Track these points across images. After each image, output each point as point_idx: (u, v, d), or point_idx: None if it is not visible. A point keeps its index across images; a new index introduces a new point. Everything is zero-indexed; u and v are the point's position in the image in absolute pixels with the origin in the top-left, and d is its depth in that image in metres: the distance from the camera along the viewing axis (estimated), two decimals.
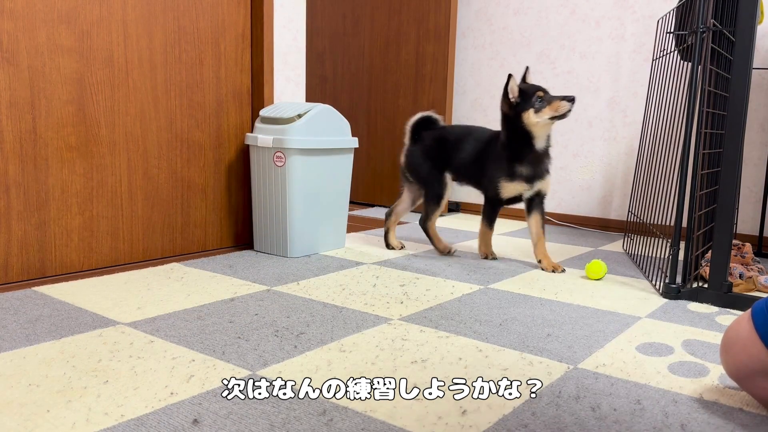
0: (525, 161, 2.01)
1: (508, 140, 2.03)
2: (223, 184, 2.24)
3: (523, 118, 1.96)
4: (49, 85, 1.74)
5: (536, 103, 1.94)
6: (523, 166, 2.02)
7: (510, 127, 2.02)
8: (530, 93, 1.95)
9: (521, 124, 1.97)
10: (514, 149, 2.02)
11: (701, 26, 1.73)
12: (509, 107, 2.00)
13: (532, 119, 1.95)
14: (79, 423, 0.96)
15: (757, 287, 1.86)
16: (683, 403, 1.09)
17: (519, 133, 2.00)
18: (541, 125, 1.96)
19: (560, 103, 1.92)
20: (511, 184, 2.04)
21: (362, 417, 1.00)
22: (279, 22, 2.31)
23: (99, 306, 1.55)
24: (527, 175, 2.02)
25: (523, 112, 1.96)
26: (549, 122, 1.95)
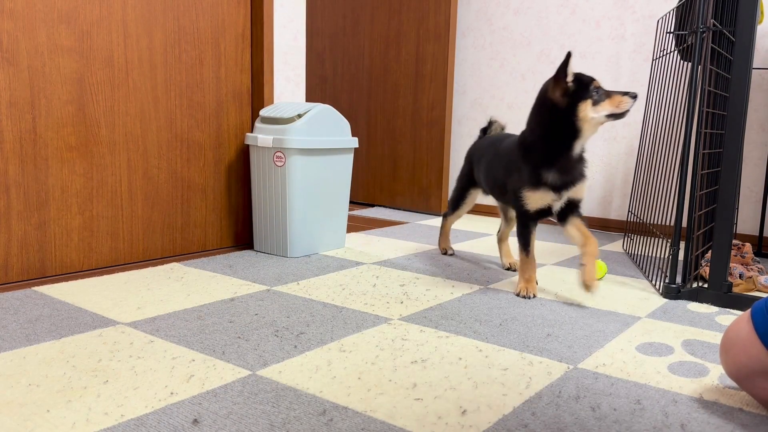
0: (555, 166, 1.65)
1: (540, 138, 1.66)
2: (223, 184, 2.24)
3: (578, 111, 1.58)
4: (49, 85, 1.74)
5: (594, 94, 1.58)
6: (551, 172, 1.65)
7: (550, 121, 1.63)
8: (586, 81, 1.59)
9: (573, 117, 1.59)
10: (543, 150, 1.65)
11: (701, 26, 1.73)
12: (563, 93, 1.60)
13: (588, 113, 1.58)
14: (79, 423, 0.96)
15: (757, 287, 1.86)
16: (683, 403, 1.09)
17: (560, 130, 1.62)
18: (595, 123, 1.60)
19: (622, 99, 1.57)
20: (536, 194, 1.67)
21: (362, 417, 1.00)
22: (279, 22, 2.31)
23: (99, 306, 1.55)
24: (555, 183, 1.66)
25: (580, 103, 1.58)
26: (603, 121, 1.60)
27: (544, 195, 1.67)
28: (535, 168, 1.66)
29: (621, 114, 1.59)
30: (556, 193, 1.67)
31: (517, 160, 1.71)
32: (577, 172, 1.68)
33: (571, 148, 1.63)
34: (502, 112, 3.29)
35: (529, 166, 1.67)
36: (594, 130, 1.63)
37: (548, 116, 1.64)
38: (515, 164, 1.72)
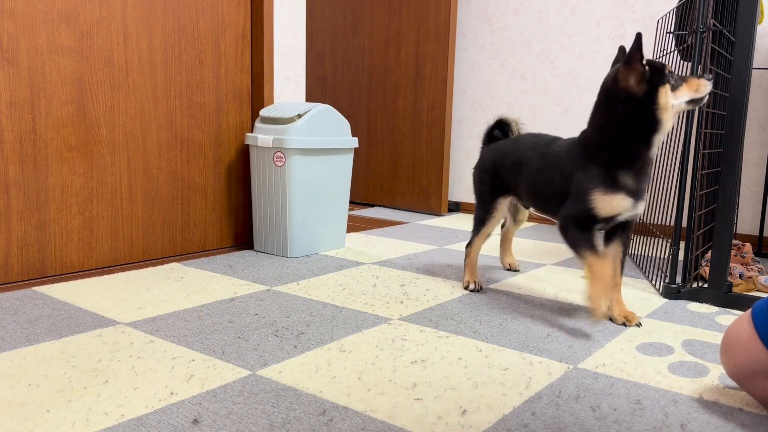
0: (632, 168, 1.40)
1: (613, 136, 1.41)
2: (223, 184, 2.24)
3: (659, 98, 1.35)
4: (49, 85, 1.74)
5: (671, 79, 1.37)
6: (629, 174, 1.40)
7: (626, 114, 1.39)
8: (660, 66, 1.37)
9: (652, 107, 1.36)
10: (620, 148, 1.40)
11: (701, 26, 1.73)
12: (639, 80, 1.36)
13: (669, 100, 1.36)
14: (79, 423, 0.96)
15: (757, 287, 1.86)
16: (683, 403, 1.09)
17: (637, 123, 1.38)
18: (675, 112, 1.39)
19: (700, 82, 1.39)
20: (612, 198, 1.40)
21: (362, 417, 1.00)
22: (279, 22, 2.31)
23: (99, 306, 1.55)
24: (633, 188, 1.41)
25: (660, 88, 1.35)
26: (683, 108, 1.40)
27: (621, 200, 1.41)
28: (608, 169, 1.40)
29: (701, 99, 1.41)
30: (634, 199, 1.42)
31: (580, 163, 1.45)
32: (647, 179, 1.46)
33: (651, 144, 1.40)
34: (502, 112, 3.29)
35: (601, 168, 1.41)
36: (673, 120, 1.40)
37: (622, 108, 1.38)
38: (578, 167, 1.45)
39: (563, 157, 1.51)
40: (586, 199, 1.42)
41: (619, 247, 1.53)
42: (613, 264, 1.51)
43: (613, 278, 1.51)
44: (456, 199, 3.51)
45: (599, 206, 1.41)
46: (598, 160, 1.42)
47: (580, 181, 1.44)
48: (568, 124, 3.09)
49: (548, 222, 3.15)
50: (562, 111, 3.10)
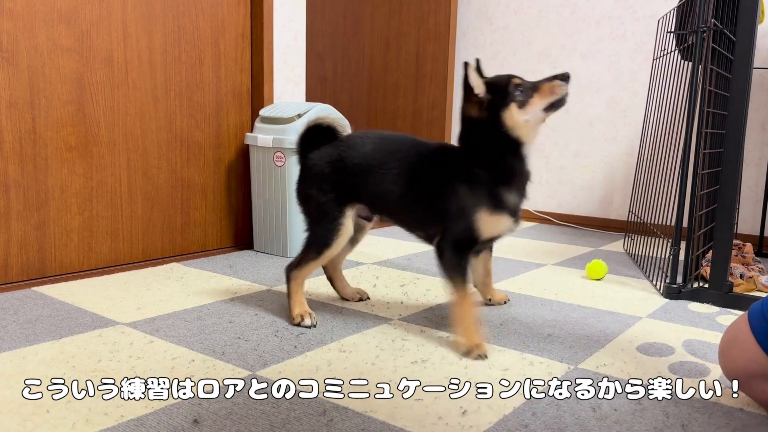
0: (513, 184, 1.34)
1: (489, 152, 1.35)
2: (223, 184, 2.24)
3: (505, 120, 1.30)
4: (48, 85, 1.74)
5: (518, 95, 1.30)
6: (512, 191, 1.34)
7: (483, 137, 1.35)
8: (503, 83, 1.31)
9: (502, 128, 1.31)
10: (498, 165, 1.34)
11: (702, 26, 1.73)
12: (479, 108, 1.34)
13: (518, 118, 1.30)
14: (78, 423, 0.96)
15: (758, 287, 1.85)
16: (684, 404, 1.08)
17: (498, 143, 1.33)
18: (533, 125, 1.32)
19: (552, 85, 1.31)
20: (496, 219, 1.33)
21: (362, 417, 1.00)
22: (279, 22, 2.31)
23: (99, 306, 1.55)
24: (515, 206, 1.36)
25: (503, 111, 1.30)
26: (542, 117, 1.33)
27: (505, 221, 1.34)
28: (491, 186, 1.32)
29: (559, 101, 1.32)
30: (514, 217, 1.36)
31: (462, 177, 1.34)
32: (526, 190, 1.39)
33: (522, 158, 1.34)
34: None
35: (484, 185, 1.32)
36: (535, 131, 1.34)
37: (483, 132, 1.35)
38: (460, 182, 1.34)
39: (437, 166, 1.40)
40: (470, 219, 1.31)
41: (488, 254, 1.63)
42: (484, 266, 1.63)
43: (488, 276, 1.65)
44: None
45: (483, 227, 1.32)
46: (481, 176, 1.33)
47: (462, 198, 1.33)
48: (569, 123, 3.09)
49: (548, 222, 3.15)
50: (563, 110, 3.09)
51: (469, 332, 1.30)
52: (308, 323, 1.44)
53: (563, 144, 3.11)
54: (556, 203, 3.17)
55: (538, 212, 3.21)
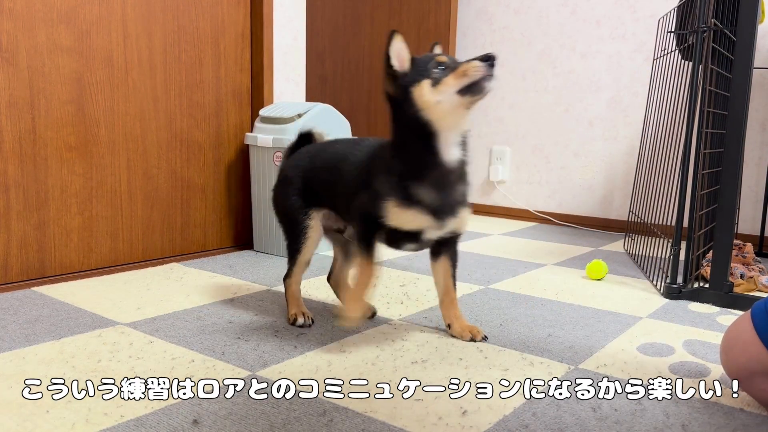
0: (427, 179, 1.21)
1: (399, 142, 1.24)
2: (223, 184, 2.24)
3: (415, 97, 1.18)
4: (48, 85, 1.74)
5: (434, 72, 1.19)
6: (425, 187, 1.21)
7: (398, 120, 1.24)
8: (425, 59, 1.22)
9: (413, 109, 1.18)
10: (408, 157, 1.22)
11: (702, 26, 1.73)
12: (393, 83, 1.22)
13: (429, 97, 1.17)
14: (78, 423, 0.96)
15: (758, 287, 1.85)
16: (684, 404, 1.08)
17: (412, 129, 1.20)
18: (446, 108, 1.18)
19: (470, 65, 1.17)
20: (404, 212, 1.22)
21: (362, 417, 1.00)
22: (279, 22, 2.31)
23: (98, 306, 1.55)
24: (432, 203, 1.22)
25: (412, 87, 1.18)
26: (460, 102, 1.18)
27: (415, 216, 1.23)
28: (402, 178, 1.22)
29: (475, 86, 1.17)
30: (435, 217, 1.23)
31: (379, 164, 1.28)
32: (460, 191, 1.26)
33: (436, 151, 1.20)
34: (503, 111, 3.29)
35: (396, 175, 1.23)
36: (453, 118, 1.19)
37: (397, 115, 1.24)
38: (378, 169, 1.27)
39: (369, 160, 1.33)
40: (377, 204, 1.24)
41: (447, 263, 1.39)
42: (443, 280, 1.40)
43: (443, 288, 1.40)
44: None
45: (390, 217, 1.23)
46: (392, 167, 1.24)
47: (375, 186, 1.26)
48: (569, 123, 3.09)
49: (548, 222, 3.15)
50: (563, 110, 3.10)
51: (351, 301, 1.27)
52: (301, 322, 1.44)
53: (563, 144, 3.11)
54: (556, 203, 3.17)
55: (538, 212, 3.21)
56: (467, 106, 1.19)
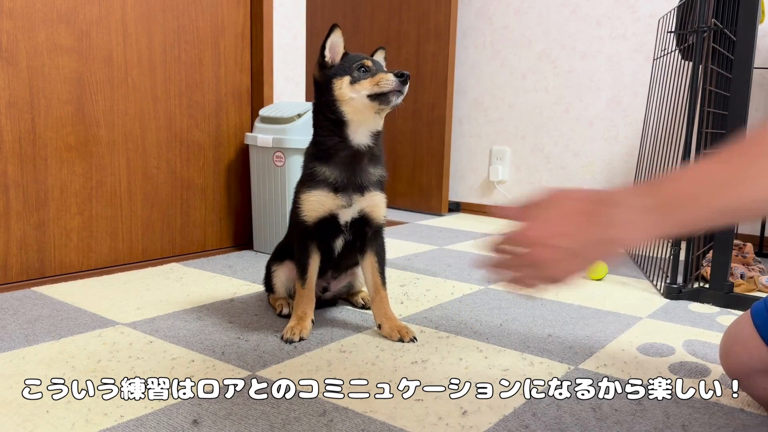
0: (333, 160, 1.34)
1: (315, 126, 1.40)
2: (223, 184, 2.23)
3: (334, 88, 1.33)
4: (48, 85, 1.74)
5: (355, 72, 1.32)
6: (331, 166, 1.34)
7: (318, 104, 1.39)
8: (354, 58, 1.34)
9: (331, 97, 1.34)
10: (320, 141, 1.37)
11: (702, 25, 1.72)
12: (321, 70, 1.37)
13: (345, 92, 1.32)
14: (78, 423, 0.96)
15: (758, 287, 1.85)
16: (684, 404, 1.08)
17: (328, 115, 1.35)
18: (358, 106, 1.32)
19: (383, 77, 1.29)
20: (312, 195, 1.34)
21: (362, 417, 1.00)
22: (279, 22, 2.31)
23: (98, 306, 1.55)
24: (337, 182, 1.33)
25: (335, 79, 1.33)
26: (369, 105, 1.31)
27: (322, 197, 1.32)
28: (310, 164, 1.36)
29: (384, 96, 1.29)
30: (342, 195, 1.33)
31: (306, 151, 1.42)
32: (367, 176, 1.36)
33: (347, 137, 1.34)
34: (503, 111, 3.28)
35: (306, 166, 1.38)
36: (363, 115, 1.33)
37: (316, 98, 1.40)
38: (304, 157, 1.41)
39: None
40: (294, 201, 1.38)
41: (373, 258, 1.41)
42: (371, 276, 1.41)
43: (372, 285, 1.41)
44: (456, 199, 3.50)
45: (304, 208, 1.35)
46: (307, 157, 1.40)
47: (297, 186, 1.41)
48: (569, 123, 3.08)
49: None
50: (563, 110, 3.10)
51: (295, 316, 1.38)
52: (286, 312, 1.49)
53: (563, 144, 3.11)
54: None
55: None
56: (376, 110, 1.33)
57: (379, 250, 1.42)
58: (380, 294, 1.41)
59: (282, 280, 1.53)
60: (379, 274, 1.41)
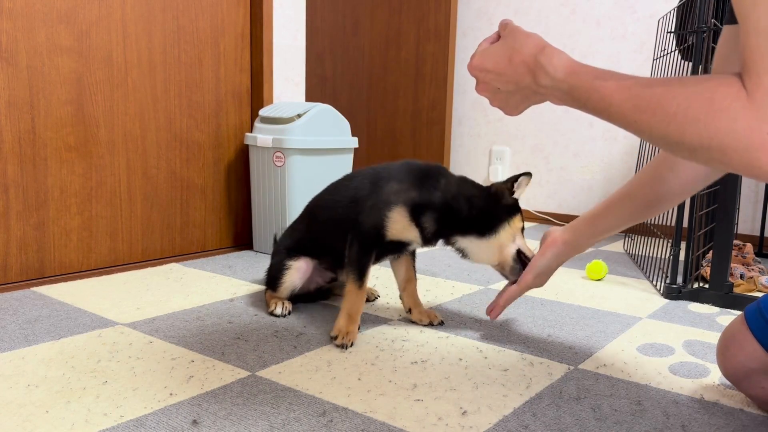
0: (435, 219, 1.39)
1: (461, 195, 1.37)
2: (223, 184, 2.23)
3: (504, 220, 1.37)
4: (48, 85, 1.74)
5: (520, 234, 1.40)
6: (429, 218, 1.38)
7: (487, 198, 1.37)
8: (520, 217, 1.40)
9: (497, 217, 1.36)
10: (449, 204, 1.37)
11: (702, 26, 1.73)
12: (506, 194, 1.38)
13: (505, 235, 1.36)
14: (78, 424, 0.96)
15: (758, 288, 1.85)
16: (684, 404, 1.08)
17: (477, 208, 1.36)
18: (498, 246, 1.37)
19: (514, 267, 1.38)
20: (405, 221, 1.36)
21: (362, 418, 1.00)
22: (279, 22, 2.31)
23: (98, 306, 1.55)
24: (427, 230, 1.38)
25: (513, 217, 1.38)
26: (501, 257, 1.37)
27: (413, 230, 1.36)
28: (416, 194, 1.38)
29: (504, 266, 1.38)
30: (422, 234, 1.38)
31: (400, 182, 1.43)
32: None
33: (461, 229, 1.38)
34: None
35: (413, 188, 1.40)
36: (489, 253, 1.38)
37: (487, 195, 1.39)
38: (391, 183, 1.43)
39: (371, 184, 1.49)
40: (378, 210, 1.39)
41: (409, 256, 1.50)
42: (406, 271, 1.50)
43: (411, 282, 1.50)
44: None
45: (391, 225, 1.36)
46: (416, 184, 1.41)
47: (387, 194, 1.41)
48: (569, 123, 3.09)
49: (548, 222, 3.15)
50: (563, 110, 3.10)
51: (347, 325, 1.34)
52: (279, 312, 1.50)
53: (563, 144, 3.11)
54: (556, 204, 3.17)
55: (538, 212, 3.21)
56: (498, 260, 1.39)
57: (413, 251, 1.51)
58: (413, 283, 1.50)
59: (294, 279, 1.50)
60: (413, 268, 1.51)
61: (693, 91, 0.70)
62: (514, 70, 0.89)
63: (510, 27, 0.91)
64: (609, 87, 0.78)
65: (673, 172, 1.13)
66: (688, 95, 0.70)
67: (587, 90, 0.80)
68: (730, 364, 1.07)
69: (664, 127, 0.72)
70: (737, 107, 0.66)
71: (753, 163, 0.66)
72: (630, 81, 0.76)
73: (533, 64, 0.86)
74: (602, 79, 0.79)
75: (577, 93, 0.82)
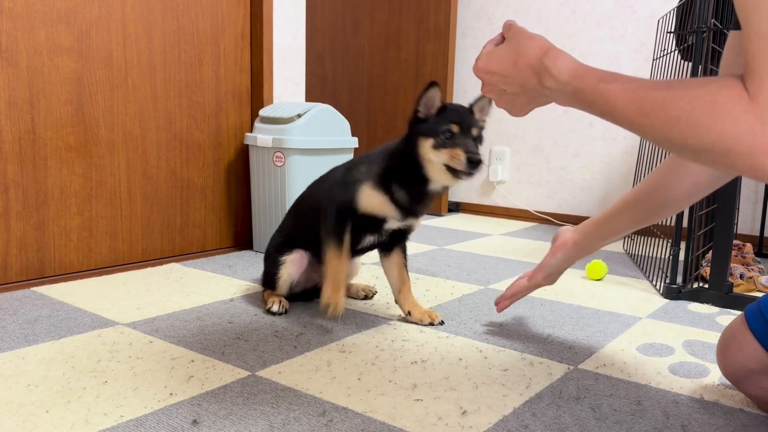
0: (405, 187, 1.40)
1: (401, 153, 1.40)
2: (223, 184, 2.23)
3: (419, 145, 1.35)
4: (48, 85, 1.74)
5: (440, 136, 1.33)
6: (402, 189, 1.40)
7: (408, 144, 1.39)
8: (444, 121, 1.35)
9: (416, 150, 1.36)
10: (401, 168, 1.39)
11: (702, 26, 1.73)
12: (413, 122, 1.41)
13: (427, 153, 1.34)
14: (78, 423, 0.96)
15: (758, 287, 1.85)
16: (684, 404, 1.08)
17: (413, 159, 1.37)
18: (436, 168, 1.34)
19: (458, 153, 1.30)
20: (376, 196, 1.39)
21: (362, 417, 1.00)
22: (279, 22, 2.31)
23: (98, 306, 1.55)
24: (402, 203, 1.40)
25: (421, 137, 1.35)
26: (445, 172, 1.33)
27: (386, 204, 1.40)
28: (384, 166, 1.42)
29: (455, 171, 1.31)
30: (399, 211, 1.41)
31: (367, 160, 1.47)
32: (426, 206, 1.45)
33: (423, 180, 1.38)
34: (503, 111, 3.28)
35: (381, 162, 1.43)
36: (438, 175, 1.35)
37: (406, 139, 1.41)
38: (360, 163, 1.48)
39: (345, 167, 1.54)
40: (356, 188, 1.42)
41: (400, 255, 1.52)
42: (398, 271, 1.51)
43: (405, 284, 1.51)
44: (456, 200, 3.51)
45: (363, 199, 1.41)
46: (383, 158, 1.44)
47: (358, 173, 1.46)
48: (569, 123, 3.09)
49: (548, 222, 3.15)
50: (563, 110, 3.10)
51: (329, 293, 1.38)
52: (276, 309, 1.51)
53: (563, 144, 3.11)
54: (555, 203, 3.17)
55: (537, 212, 3.21)
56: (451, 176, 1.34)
57: (404, 249, 1.54)
58: (407, 285, 1.52)
59: (291, 271, 1.52)
60: (405, 268, 1.53)
61: (696, 94, 0.70)
62: (519, 72, 0.89)
63: (514, 29, 0.91)
64: (613, 90, 0.78)
65: (680, 178, 1.13)
66: (691, 99, 0.70)
67: (592, 93, 0.80)
68: (730, 364, 1.07)
69: (668, 131, 0.72)
70: (740, 110, 0.66)
71: (756, 165, 0.66)
72: (634, 84, 0.77)
73: (538, 67, 0.86)
74: (607, 82, 0.79)
75: (581, 96, 0.82)
